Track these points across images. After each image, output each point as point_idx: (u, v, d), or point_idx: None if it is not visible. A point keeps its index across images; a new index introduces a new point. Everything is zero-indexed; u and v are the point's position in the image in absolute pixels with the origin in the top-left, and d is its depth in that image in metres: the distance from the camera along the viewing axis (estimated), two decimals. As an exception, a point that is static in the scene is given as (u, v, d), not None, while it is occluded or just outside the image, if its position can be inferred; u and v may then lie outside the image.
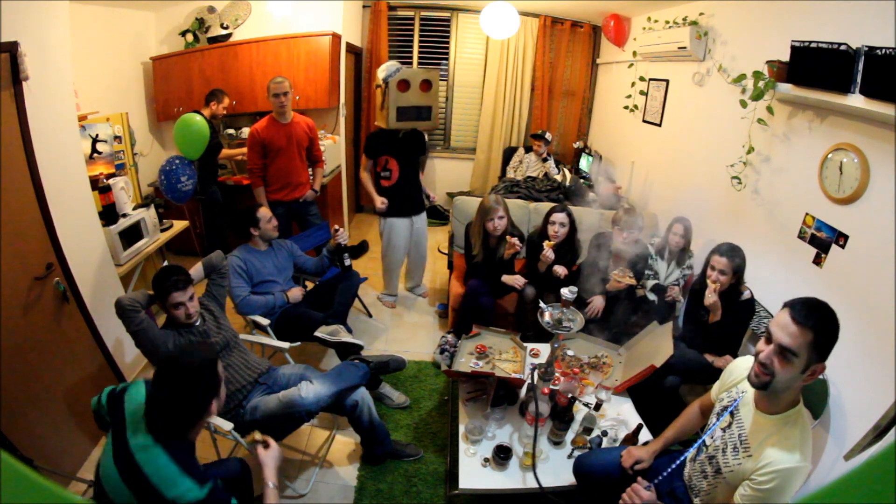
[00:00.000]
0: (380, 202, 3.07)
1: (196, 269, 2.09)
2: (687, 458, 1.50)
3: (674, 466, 1.39)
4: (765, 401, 1.22)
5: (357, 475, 2.09)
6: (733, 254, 2.13)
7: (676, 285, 2.65)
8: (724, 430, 1.31)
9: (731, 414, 1.31)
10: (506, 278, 2.72)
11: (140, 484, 1.11)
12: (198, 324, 1.89)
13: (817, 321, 1.08)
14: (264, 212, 2.51)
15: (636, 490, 1.32)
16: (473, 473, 1.71)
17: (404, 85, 2.90)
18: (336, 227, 2.64)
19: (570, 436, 1.86)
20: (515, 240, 2.64)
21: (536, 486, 1.61)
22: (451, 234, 3.60)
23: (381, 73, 2.87)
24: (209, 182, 3.50)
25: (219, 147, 3.57)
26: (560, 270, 2.66)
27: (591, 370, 2.24)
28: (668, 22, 3.33)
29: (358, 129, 5.05)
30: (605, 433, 1.85)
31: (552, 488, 1.64)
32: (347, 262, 2.61)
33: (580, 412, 1.93)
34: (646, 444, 1.60)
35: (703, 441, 1.39)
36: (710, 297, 2.13)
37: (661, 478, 1.36)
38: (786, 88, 2.07)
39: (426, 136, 4.10)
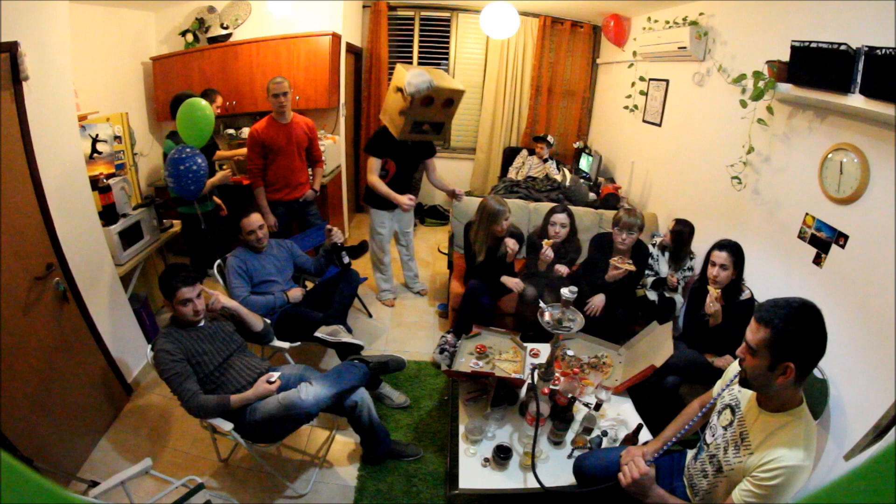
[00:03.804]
0: (406, 199, 2.95)
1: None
2: (688, 458, 1.50)
3: (658, 456, 1.40)
4: (765, 399, 1.22)
5: (357, 475, 2.09)
6: (732, 247, 2.13)
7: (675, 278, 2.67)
8: (725, 428, 1.31)
9: (733, 411, 1.31)
10: (505, 279, 2.71)
11: None
12: (202, 325, 1.89)
13: (773, 320, 1.10)
14: (247, 223, 2.41)
15: (636, 462, 1.34)
16: (473, 473, 1.71)
17: (427, 101, 2.75)
18: (329, 227, 2.62)
19: (570, 436, 1.86)
20: (512, 242, 2.63)
21: (537, 486, 1.61)
22: (451, 234, 3.60)
23: (410, 87, 2.64)
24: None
25: (214, 147, 3.56)
26: (562, 269, 2.66)
27: (591, 370, 2.24)
28: (668, 22, 3.33)
29: (358, 129, 5.05)
30: (605, 433, 1.85)
31: (552, 488, 1.64)
32: (346, 259, 2.60)
33: (580, 412, 1.93)
34: (645, 444, 1.60)
35: (705, 440, 1.39)
36: (712, 306, 2.13)
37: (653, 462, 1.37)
38: (786, 88, 2.07)
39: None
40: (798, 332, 1.09)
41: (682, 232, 2.67)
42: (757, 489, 1.14)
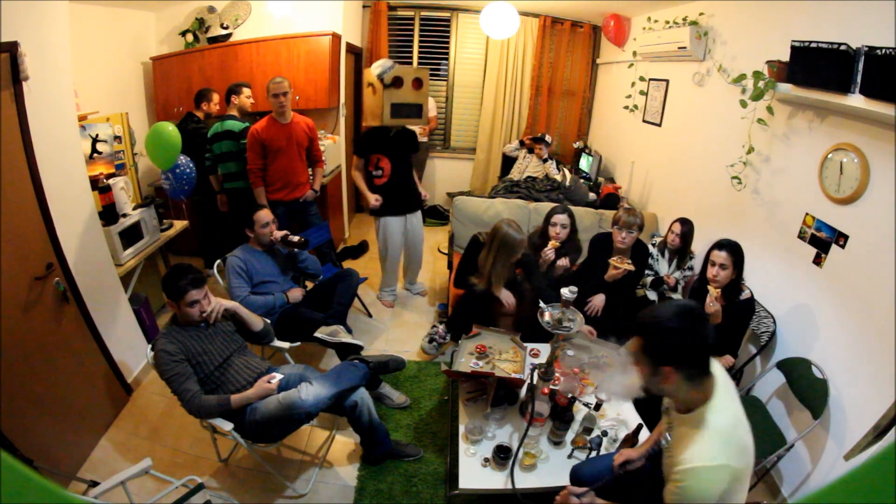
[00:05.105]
0: (373, 199, 3.04)
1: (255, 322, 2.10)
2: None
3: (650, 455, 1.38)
4: (678, 405, 1.24)
5: (357, 475, 2.09)
6: (732, 247, 2.13)
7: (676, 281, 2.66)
8: (668, 432, 1.34)
9: (668, 414, 1.34)
10: (503, 294, 2.57)
11: None
12: (202, 325, 1.89)
13: (640, 329, 1.16)
14: (261, 215, 2.45)
15: (568, 500, 1.33)
16: (473, 473, 1.71)
17: (398, 82, 2.88)
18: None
19: (570, 436, 1.86)
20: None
21: (537, 486, 1.61)
22: (451, 234, 3.60)
23: (376, 69, 2.83)
24: (206, 181, 3.50)
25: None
26: (564, 261, 2.65)
27: (591, 370, 2.24)
28: (668, 22, 3.33)
29: (358, 129, 5.04)
30: (605, 433, 1.84)
31: (553, 488, 1.64)
32: (294, 238, 2.51)
33: (580, 412, 1.93)
34: (641, 444, 1.60)
35: (662, 444, 1.40)
36: (712, 306, 2.13)
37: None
38: (786, 88, 2.07)
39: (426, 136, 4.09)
40: (667, 337, 1.11)
41: (689, 232, 2.67)
42: (674, 490, 1.13)
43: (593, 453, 1.75)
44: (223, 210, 3.44)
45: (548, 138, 4.41)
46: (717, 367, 1.22)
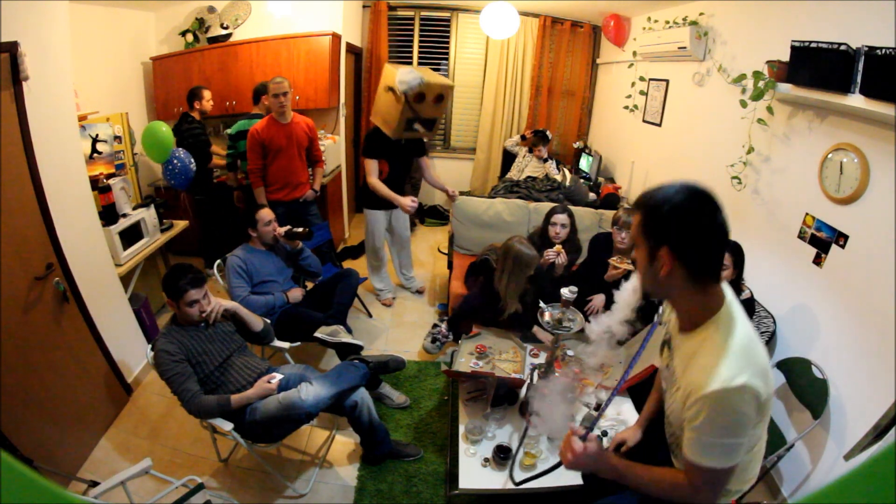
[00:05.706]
0: (409, 202, 2.96)
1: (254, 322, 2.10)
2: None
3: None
4: (681, 319, 1.06)
5: (357, 475, 2.09)
6: (732, 247, 2.13)
7: None
8: (666, 367, 1.17)
9: (669, 347, 1.16)
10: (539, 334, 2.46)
11: None
12: (202, 325, 1.89)
13: (640, 202, 0.99)
14: (263, 214, 2.47)
15: (572, 443, 1.10)
16: (473, 473, 1.71)
17: (419, 98, 2.78)
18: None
19: (570, 436, 1.86)
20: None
21: (537, 486, 1.61)
22: (451, 234, 3.60)
23: (402, 84, 2.68)
24: (206, 180, 3.51)
25: (208, 145, 3.56)
26: (562, 258, 2.64)
27: (591, 370, 2.24)
28: (668, 22, 3.33)
29: (358, 129, 5.05)
30: (605, 433, 1.84)
31: (552, 488, 1.64)
32: (298, 229, 2.54)
33: (580, 412, 1.93)
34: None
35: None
36: None
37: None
38: (786, 88, 2.07)
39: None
40: (666, 210, 0.94)
41: None
42: (691, 435, 0.93)
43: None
44: (239, 206, 3.44)
45: (548, 133, 4.41)
46: (726, 284, 1.06)
